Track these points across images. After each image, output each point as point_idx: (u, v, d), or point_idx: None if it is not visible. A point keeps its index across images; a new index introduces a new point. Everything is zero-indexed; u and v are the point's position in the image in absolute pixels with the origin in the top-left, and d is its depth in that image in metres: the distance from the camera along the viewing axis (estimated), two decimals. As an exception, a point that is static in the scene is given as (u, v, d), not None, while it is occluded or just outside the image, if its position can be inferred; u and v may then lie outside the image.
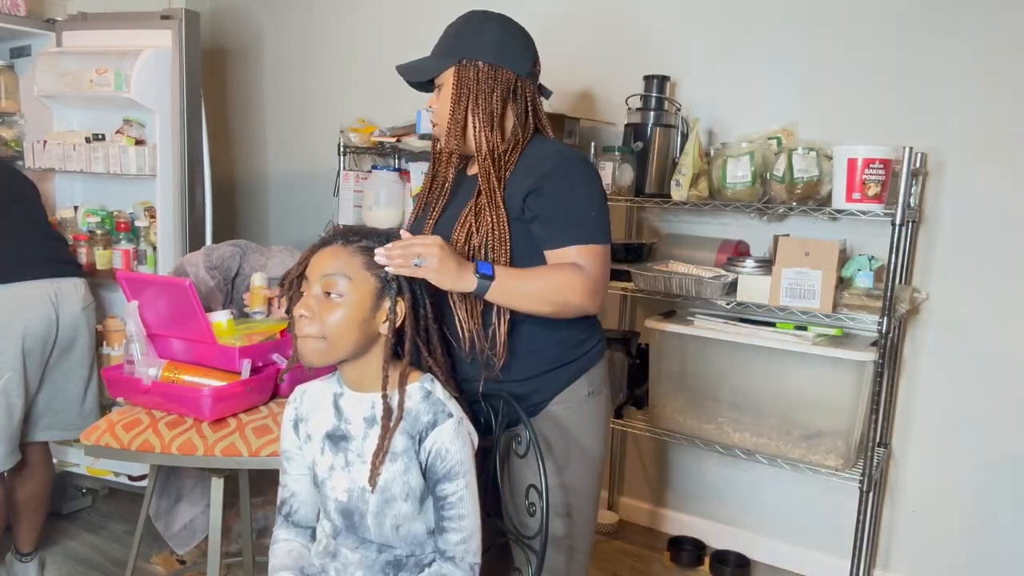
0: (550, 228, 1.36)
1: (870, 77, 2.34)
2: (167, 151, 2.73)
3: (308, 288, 1.22)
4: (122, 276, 1.80)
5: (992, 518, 2.29)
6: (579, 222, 1.36)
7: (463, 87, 1.42)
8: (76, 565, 2.49)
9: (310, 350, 1.20)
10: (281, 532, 1.37)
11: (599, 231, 1.37)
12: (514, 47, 1.44)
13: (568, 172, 1.37)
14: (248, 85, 3.85)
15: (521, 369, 1.41)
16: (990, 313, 2.24)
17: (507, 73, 1.43)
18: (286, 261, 2.36)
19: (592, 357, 1.49)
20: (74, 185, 3.00)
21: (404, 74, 1.50)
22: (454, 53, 1.44)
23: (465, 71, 1.42)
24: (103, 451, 1.66)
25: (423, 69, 1.48)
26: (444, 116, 1.45)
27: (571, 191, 1.37)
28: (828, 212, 2.13)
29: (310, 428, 1.31)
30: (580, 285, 1.33)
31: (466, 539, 1.24)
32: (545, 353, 1.43)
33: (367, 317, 1.21)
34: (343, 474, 1.26)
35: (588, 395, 1.46)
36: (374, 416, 1.25)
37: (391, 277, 1.23)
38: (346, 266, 1.21)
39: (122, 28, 2.77)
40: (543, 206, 1.36)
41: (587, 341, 1.48)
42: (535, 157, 1.41)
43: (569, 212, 1.36)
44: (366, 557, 1.26)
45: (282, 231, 3.82)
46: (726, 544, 2.67)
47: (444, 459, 1.21)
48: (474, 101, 1.42)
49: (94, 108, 2.88)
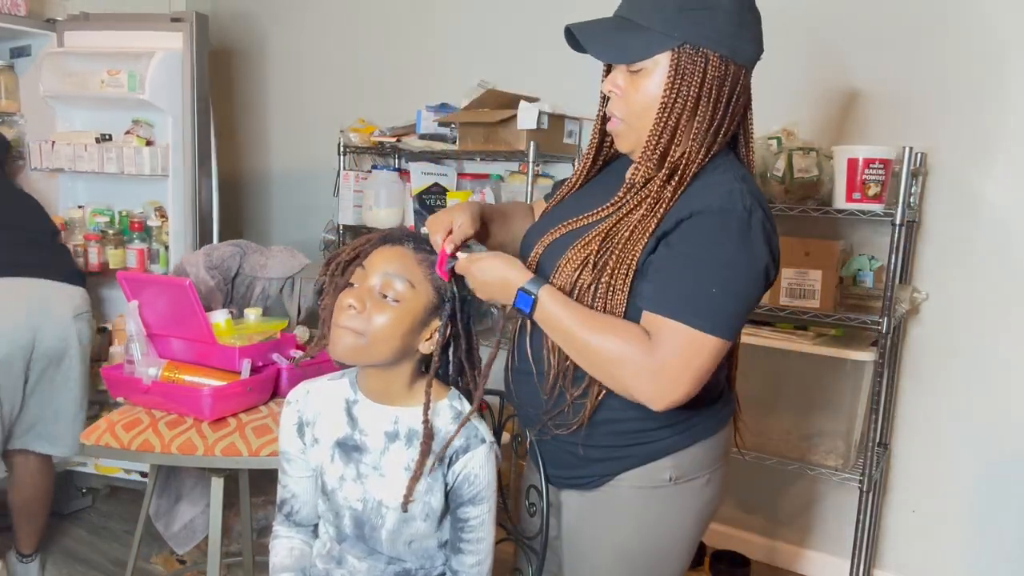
0: (655, 284, 1.05)
1: (871, 77, 2.34)
2: (178, 152, 2.79)
3: (363, 280, 1.13)
4: (122, 276, 1.80)
5: (992, 518, 2.29)
6: (688, 294, 1.03)
7: (682, 84, 1.05)
8: (76, 565, 2.49)
9: (346, 344, 1.11)
10: (282, 529, 1.34)
11: (709, 316, 1.01)
12: (750, 31, 1.07)
13: (722, 224, 1.02)
14: (249, 85, 3.85)
15: (589, 435, 1.17)
16: (990, 313, 2.24)
17: (738, 69, 1.07)
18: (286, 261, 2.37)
19: (690, 436, 1.16)
20: (76, 185, 3.00)
21: (589, 44, 1.09)
22: (675, 31, 1.03)
23: (689, 62, 1.04)
24: (103, 451, 1.66)
25: (622, 47, 1.07)
26: (642, 116, 1.09)
27: (705, 249, 1.03)
28: (828, 212, 2.13)
29: (318, 432, 1.23)
30: (639, 366, 1.02)
31: (481, 562, 1.22)
32: (615, 426, 1.15)
33: (414, 329, 1.13)
34: (355, 485, 1.21)
35: (670, 480, 1.16)
36: (396, 432, 1.19)
37: (449, 296, 1.15)
38: (411, 272, 1.13)
39: (127, 29, 2.79)
40: (665, 258, 1.05)
41: (687, 420, 1.15)
42: (703, 187, 1.07)
43: (684, 275, 1.03)
44: (374, 567, 1.23)
45: (283, 231, 3.82)
46: (726, 544, 2.67)
47: (472, 484, 1.18)
48: (692, 107, 1.06)
49: (98, 109, 2.89)
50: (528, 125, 2.50)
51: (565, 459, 1.22)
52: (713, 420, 1.20)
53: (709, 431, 1.19)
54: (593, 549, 1.22)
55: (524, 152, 2.52)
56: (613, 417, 1.15)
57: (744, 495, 2.69)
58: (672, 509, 1.19)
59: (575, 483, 1.22)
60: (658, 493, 1.17)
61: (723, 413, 1.22)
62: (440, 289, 1.15)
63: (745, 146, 1.18)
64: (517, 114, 2.51)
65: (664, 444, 1.16)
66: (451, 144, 2.75)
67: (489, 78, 2.91)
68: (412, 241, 1.17)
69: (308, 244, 3.20)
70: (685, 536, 1.21)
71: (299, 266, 2.38)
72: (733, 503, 2.72)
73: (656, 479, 1.16)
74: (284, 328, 1.92)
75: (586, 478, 1.20)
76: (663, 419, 1.13)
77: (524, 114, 2.50)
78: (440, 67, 3.18)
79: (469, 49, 3.10)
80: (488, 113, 2.59)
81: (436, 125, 2.81)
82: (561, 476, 1.24)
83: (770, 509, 2.65)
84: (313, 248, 3.22)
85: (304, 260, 2.43)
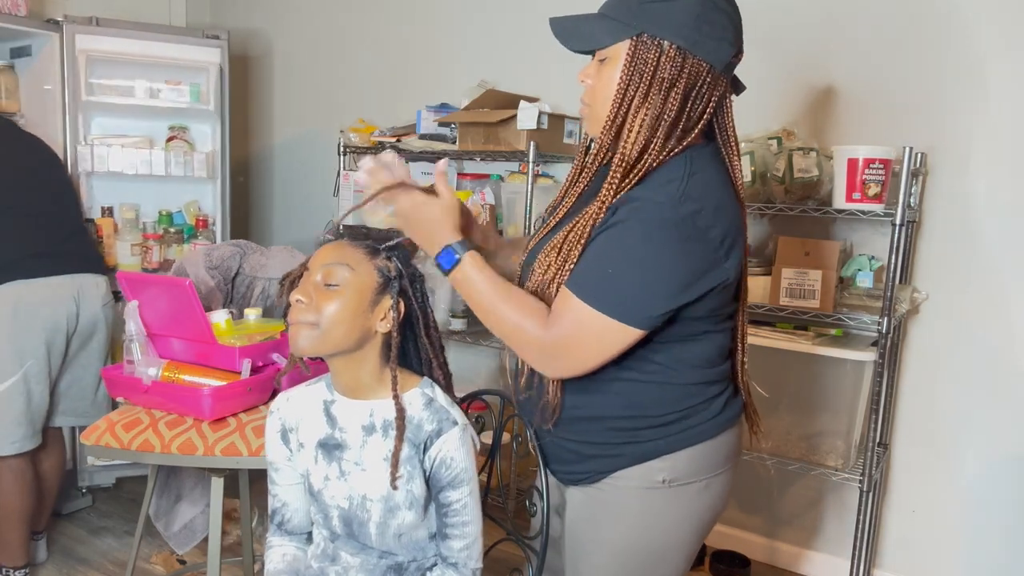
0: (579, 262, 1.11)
1: (870, 77, 2.34)
2: (217, 156, 3.13)
3: (307, 279, 1.20)
4: (122, 276, 1.80)
5: (992, 518, 2.29)
6: (596, 273, 1.08)
7: (635, 72, 1.10)
8: (76, 565, 2.49)
9: (303, 336, 1.16)
10: (275, 539, 1.36)
11: (607, 299, 1.06)
12: (715, 28, 1.09)
13: (641, 218, 1.06)
14: (250, 86, 3.85)
15: (582, 431, 1.20)
16: (990, 313, 2.24)
17: (698, 63, 1.09)
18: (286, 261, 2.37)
19: (683, 439, 1.17)
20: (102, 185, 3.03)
21: (560, 35, 1.17)
22: (634, 21, 1.10)
23: (643, 50, 1.09)
24: (103, 451, 1.67)
25: (586, 36, 1.15)
26: (602, 102, 1.14)
27: (621, 238, 1.07)
28: (828, 212, 2.13)
29: (301, 436, 1.27)
30: (534, 342, 1.10)
31: (469, 545, 1.23)
32: (604, 422, 1.18)
33: (364, 310, 1.17)
34: (340, 483, 1.24)
35: (663, 482, 1.16)
36: (372, 424, 1.22)
37: (394, 275, 1.20)
38: (348, 257, 1.19)
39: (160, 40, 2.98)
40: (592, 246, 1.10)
41: (678, 423, 1.17)
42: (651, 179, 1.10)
43: (599, 258, 1.08)
44: (367, 562, 1.26)
45: (283, 231, 3.82)
46: (726, 544, 2.67)
47: (449, 467, 1.20)
48: (643, 94, 1.10)
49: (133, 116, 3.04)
50: (528, 125, 2.50)
51: (563, 455, 1.25)
52: (711, 424, 1.19)
53: (706, 435, 1.18)
54: (595, 546, 1.23)
55: (524, 152, 2.52)
56: (605, 414, 1.17)
57: (744, 495, 2.70)
58: (668, 512, 1.19)
59: (576, 479, 1.24)
60: (653, 495, 1.17)
61: (723, 417, 1.20)
62: (382, 269, 1.20)
63: (727, 148, 1.18)
64: (517, 114, 2.52)
65: (655, 445, 1.16)
66: (451, 144, 2.75)
67: (489, 78, 2.91)
68: (347, 236, 1.24)
69: (308, 244, 3.21)
70: (683, 540, 1.21)
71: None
72: (733, 503, 2.72)
73: (650, 480, 1.17)
74: (284, 328, 1.92)
75: (584, 474, 1.22)
76: (653, 419, 1.16)
77: (524, 114, 2.50)
78: (440, 67, 3.18)
79: (469, 49, 3.10)
80: (488, 113, 2.59)
81: (436, 125, 2.81)
82: (563, 472, 1.27)
83: (770, 509, 2.65)
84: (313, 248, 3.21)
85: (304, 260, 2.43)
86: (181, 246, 3.06)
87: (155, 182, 3.05)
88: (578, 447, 1.21)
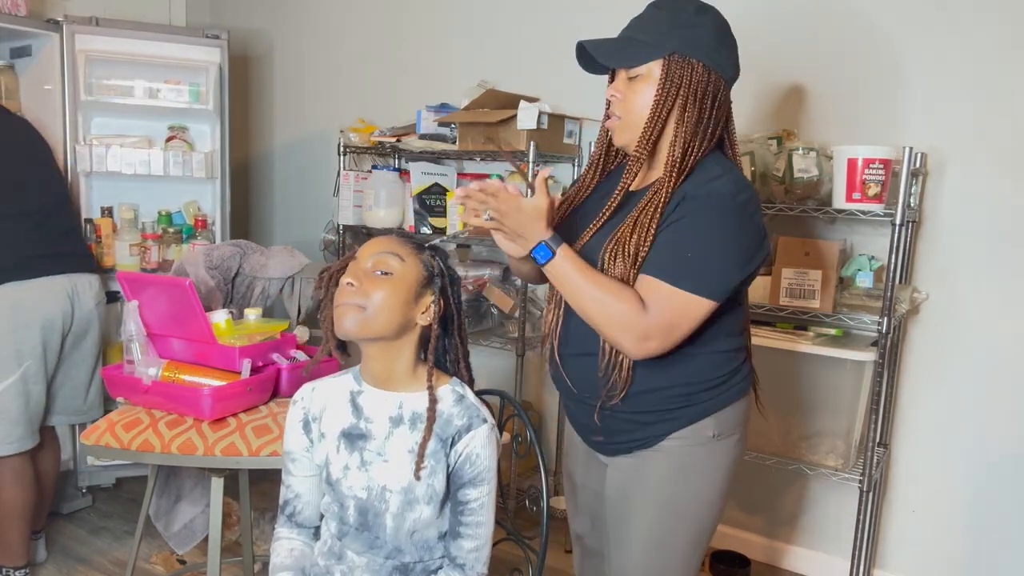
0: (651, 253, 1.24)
1: (870, 77, 2.34)
2: (216, 156, 3.11)
3: (357, 267, 1.23)
4: (122, 276, 1.80)
5: (992, 518, 2.29)
6: (677, 259, 1.22)
7: (671, 85, 1.26)
8: (76, 565, 2.49)
9: (350, 318, 1.19)
10: (283, 531, 1.36)
11: (693, 279, 1.21)
12: (730, 50, 1.30)
13: (707, 207, 1.23)
14: (250, 87, 3.85)
15: (638, 402, 1.32)
16: (990, 313, 2.24)
17: (718, 78, 1.28)
18: (286, 261, 2.37)
19: (726, 398, 1.35)
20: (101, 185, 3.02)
21: (598, 54, 1.31)
22: (666, 43, 1.26)
23: (678, 68, 1.26)
24: (103, 451, 1.67)
25: (627, 55, 1.30)
26: (638, 114, 1.29)
27: (693, 227, 1.23)
28: (828, 212, 2.13)
29: (324, 426, 1.29)
30: (637, 326, 1.21)
31: (479, 547, 1.25)
32: (665, 392, 1.32)
33: (409, 300, 1.22)
34: (360, 473, 1.25)
35: (712, 437, 1.33)
36: (400, 416, 1.25)
37: (438, 272, 1.25)
38: (399, 248, 1.23)
39: (159, 40, 2.97)
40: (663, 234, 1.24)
41: (724, 384, 1.34)
42: (698, 177, 1.27)
43: (677, 246, 1.23)
44: (373, 561, 1.26)
45: (283, 231, 3.82)
46: (726, 544, 2.67)
47: (474, 464, 1.23)
48: (680, 105, 1.27)
49: (131, 115, 3.03)
50: (528, 125, 2.50)
51: (619, 426, 1.36)
52: (743, 383, 1.38)
53: (742, 392, 1.37)
54: (643, 505, 1.36)
55: (524, 152, 2.52)
56: (670, 384, 1.31)
57: (744, 495, 2.70)
58: (711, 463, 1.35)
59: (630, 447, 1.36)
60: (701, 450, 1.33)
61: (749, 379, 1.41)
62: (427, 264, 1.25)
63: (731, 149, 1.37)
64: (517, 114, 2.52)
65: (707, 405, 1.32)
66: (451, 144, 2.75)
67: (489, 78, 2.91)
68: (395, 234, 1.29)
69: (308, 244, 3.21)
70: (721, 488, 1.37)
71: (299, 266, 2.39)
72: (733, 503, 2.72)
73: (702, 436, 1.33)
74: (284, 328, 1.93)
75: (641, 440, 1.35)
76: (707, 383, 1.32)
77: (524, 114, 2.50)
78: (440, 67, 3.18)
79: (469, 49, 3.10)
80: (488, 113, 2.59)
81: (436, 125, 2.81)
82: (616, 443, 1.38)
83: (770, 509, 2.65)
84: (313, 248, 3.22)
85: (304, 260, 2.43)
86: (180, 246, 3.05)
87: (154, 182, 3.04)
88: (635, 416, 1.33)
